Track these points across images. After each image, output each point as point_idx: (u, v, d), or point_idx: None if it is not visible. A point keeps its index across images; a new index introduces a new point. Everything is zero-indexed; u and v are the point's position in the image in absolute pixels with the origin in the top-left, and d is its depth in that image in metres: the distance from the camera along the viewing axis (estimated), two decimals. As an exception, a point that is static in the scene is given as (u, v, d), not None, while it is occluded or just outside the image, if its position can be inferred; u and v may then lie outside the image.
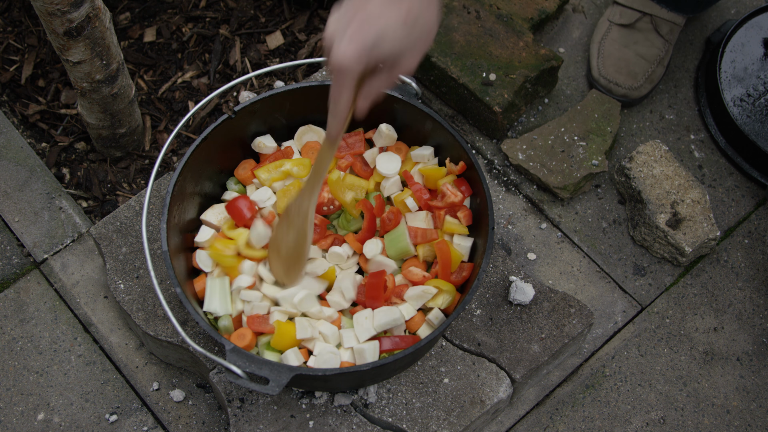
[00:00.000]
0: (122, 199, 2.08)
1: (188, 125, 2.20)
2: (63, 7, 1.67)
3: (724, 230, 2.07)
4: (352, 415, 1.67)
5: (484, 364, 1.73)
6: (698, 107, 2.21)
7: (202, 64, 2.28)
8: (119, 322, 1.87)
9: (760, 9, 2.23)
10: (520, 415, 1.85)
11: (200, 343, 1.73)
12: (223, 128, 1.71)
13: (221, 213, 1.73)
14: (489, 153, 2.10)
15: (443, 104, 2.15)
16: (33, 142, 2.14)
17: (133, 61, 2.27)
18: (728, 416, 1.87)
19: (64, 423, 1.79)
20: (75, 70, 1.83)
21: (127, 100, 1.97)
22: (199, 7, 2.37)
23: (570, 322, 1.77)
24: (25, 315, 1.89)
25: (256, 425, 1.65)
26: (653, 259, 2.01)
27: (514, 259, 1.96)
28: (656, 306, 1.97)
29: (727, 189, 2.11)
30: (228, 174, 1.82)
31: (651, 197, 1.97)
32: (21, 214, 1.99)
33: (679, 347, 1.93)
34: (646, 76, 2.14)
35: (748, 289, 2.00)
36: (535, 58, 2.07)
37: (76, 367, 1.84)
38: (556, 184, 2.00)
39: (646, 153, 2.03)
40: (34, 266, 1.95)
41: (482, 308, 1.78)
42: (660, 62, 2.15)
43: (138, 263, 1.81)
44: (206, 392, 1.82)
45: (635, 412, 1.86)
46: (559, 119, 2.08)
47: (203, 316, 1.59)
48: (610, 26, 2.18)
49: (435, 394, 1.69)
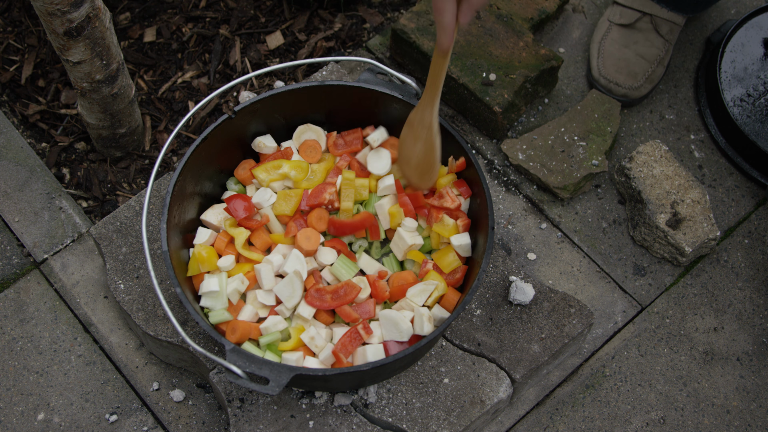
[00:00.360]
0: (122, 199, 2.08)
1: (188, 125, 2.20)
2: (63, 7, 1.67)
3: (724, 230, 2.07)
4: (352, 415, 1.67)
5: (484, 364, 1.73)
6: (698, 107, 2.21)
7: (202, 64, 2.28)
8: (119, 322, 1.87)
9: (760, 9, 2.23)
10: (520, 415, 1.85)
11: (200, 343, 1.73)
12: (223, 128, 1.71)
13: (221, 213, 1.73)
14: (489, 153, 2.10)
15: (443, 104, 2.15)
16: (33, 142, 2.14)
17: (133, 61, 2.27)
18: (728, 416, 1.87)
19: (64, 423, 1.79)
20: (75, 70, 1.83)
21: (127, 100, 1.97)
22: (199, 7, 2.37)
23: (570, 322, 1.77)
24: (25, 315, 1.89)
25: (256, 425, 1.65)
26: (653, 259, 2.01)
27: (514, 259, 1.96)
28: (656, 306, 1.97)
29: (727, 189, 2.11)
30: (228, 174, 1.82)
31: (651, 197, 1.97)
32: (21, 214, 1.99)
33: (679, 347, 1.93)
34: (646, 75, 2.14)
35: (748, 289, 2.00)
36: (535, 58, 2.07)
37: (76, 367, 1.84)
38: (556, 184, 2.00)
39: (646, 153, 2.03)
40: (34, 266, 1.95)
41: (482, 308, 1.78)
42: (660, 62, 2.15)
43: (138, 263, 1.81)
44: (206, 392, 1.82)
45: (635, 412, 1.86)
46: (559, 119, 2.08)
47: (203, 316, 1.59)
48: (610, 26, 2.18)
49: (435, 394, 1.69)
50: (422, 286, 1.64)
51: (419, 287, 1.64)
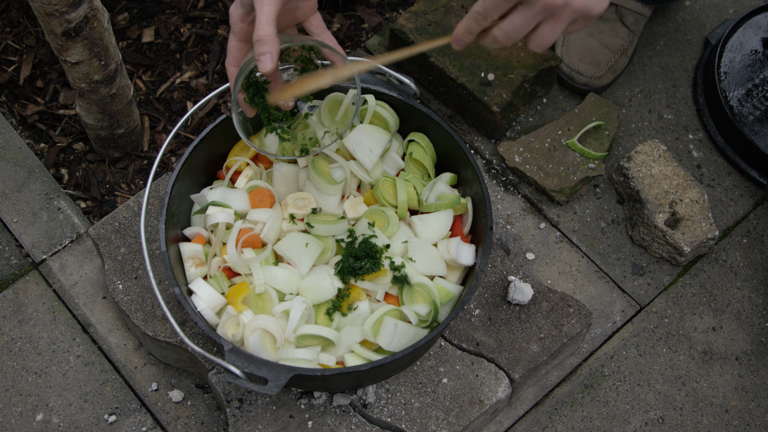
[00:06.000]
0: (121, 199, 2.08)
1: (187, 125, 2.20)
2: (61, 7, 1.67)
3: (723, 230, 2.07)
4: (350, 415, 1.67)
5: (482, 364, 1.73)
6: (697, 107, 2.21)
7: (201, 64, 2.28)
8: (118, 322, 1.87)
9: (759, 8, 2.23)
10: (518, 415, 1.85)
11: (199, 343, 1.73)
12: (221, 128, 1.71)
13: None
14: (488, 153, 2.10)
15: (442, 104, 2.15)
16: (31, 143, 2.14)
17: (132, 62, 2.27)
18: (727, 416, 1.87)
19: (63, 423, 1.79)
20: (73, 71, 1.83)
21: (125, 100, 1.97)
22: (198, 8, 2.37)
23: (569, 322, 1.78)
24: (23, 316, 1.89)
25: (255, 425, 1.65)
26: (652, 259, 2.01)
27: (513, 258, 1.96)
28: (655, 306, 1.97)
29: (725, 188, 2.11)
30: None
31: (649, 197, 1.97)
32: (19, 215, 1.99)
33: (678, 347, 1.93)
34: (609, 65, 2.14)
35: (747, 289, 2.00)
36: (533, 58, 2.07)
37: (75, 368, 1.84)
38: (553, 188, 2.00)
39: (644, 153, 2.03)
40: (32, 267, 1.95)
41: (481, 308, 1.78)
42: (623, 52, 2.16)
43: (137, 264, 1.81)
44: (205, 392, 1.82)
45: (634, 412, 1.86)
46: (557, 122, 2.08)
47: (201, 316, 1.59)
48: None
49: (434, 394, 1.69)
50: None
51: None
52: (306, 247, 1.60)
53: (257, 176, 1.74)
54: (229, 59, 1.49)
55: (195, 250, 1.64)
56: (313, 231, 1.63)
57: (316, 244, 1.61)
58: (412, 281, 1.60)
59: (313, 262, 1.61)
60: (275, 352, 1.56)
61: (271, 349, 1.56)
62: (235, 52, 1.48)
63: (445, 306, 1.63)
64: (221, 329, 1.57)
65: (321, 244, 1.62)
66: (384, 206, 1.69)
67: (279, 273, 1.60)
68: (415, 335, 1.57)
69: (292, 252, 1.60)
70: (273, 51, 1.37)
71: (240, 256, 1.59)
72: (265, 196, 1.69)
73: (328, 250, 1.64)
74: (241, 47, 1.48)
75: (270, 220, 1.63)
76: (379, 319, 1.57)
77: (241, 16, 1.45)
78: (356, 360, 1.57)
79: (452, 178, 1.75)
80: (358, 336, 1.59)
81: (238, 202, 1.67)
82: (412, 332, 1.57)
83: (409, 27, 2.10)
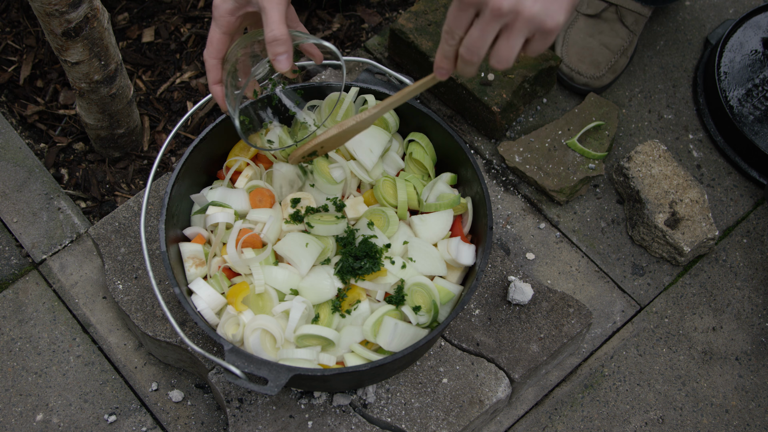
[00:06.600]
0: (121, 199, 2.08)
1: (187, 125, 2.20)
2: (61, 7, 1.67)
3: (723, 230, 2.07)
4: (350, 415, 1.67)
5: (482, 364, 1.73)
6: (697, 107, 2.21)
7: (201, 64, 2.28)
8: (118, 322, 1.87)
9: (759, 8, 2.23)
10: (518, 415, 1.85)
11: (199, 343, 1.73)
12: (221, 128, 1.71)
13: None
14: (488, 153, 2.10)
15: (441, 104, 2.15)
16: (31, 143, 2.14)
17: (132, 62, 2.27)
18: (727, 416, 1.87)
19: (62, 423, 1.79)
20: (73, 71, 1.83)
21: (125, 100, 1.97)
22: (198, 8, 2.37)
23: (569, 322, 1.78)
24: (23, 316, 1.89)
25: (255, 425, 1.65)
26: (652, 259, 2.01)
27: (513, 258, 1.96)
28: (655, 306, 1.97)
29: (725, 188, 2.11)
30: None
31: (649, 197, 1.97)
32: (20, 215, 1.99)
33: (678, 347, 1.93)
34: (609, 65, 2.14)
35: (747, 289, 2.00)
36: (533, 58, 2.07)
37: (75, 368, 1.84)
38: (553, 188, 2.00)
39: (644, 153, 2.03)
40: (32, 267, 1.95)
41: (481, 308, 1.78)
42: (623, 53, 2.16)
43: (137, 264, 1.81)
44: (205, 392, 1.82)
45: (634, 412, 1.86)
46: (557, 122, 2.08)
47: (201, 316, 1.59)
48: (578, 16, 2.20)
49: (434, 394, 1.69)
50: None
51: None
52: (306, 247, 1.60)
53: (257, 176, 1.74)
54: (210, 51, 1.50)
55: (195, 250, 1.64)
56: (313, 231, 1.63)
57: (316, 244, 1.61)
58: (413, 281, 1.61)
59: (313, 262, 1.61)
60: (275, 352, 1.56)
61: (271, 349, 1.56)
62: (218, 45, 1.49)
63: (445, 306, 1.63)
64: (221, 329, 1.57)
65: (321, 244, 1.62)
66: (384, 206, 1.69)
67: (279, 273, 1.60)
68: (415, 335, 1.57)
69: (292, 252, 1.61)
70: (289, 50, 1.41)
71: (240, 256, 1.59)
72: (265, 196, 1.69)
73: (328, 249, 1.64)
74: (225, 40, 1.49)
75: (270, 220, 1.63)
76: (379, 319, 1.57)
77: (231, 10, 1.46)
78: (356, 360, 1.57)
79: (452, 178, 1.75)
80: (358, 336, 1.59)
81: (238, 202, 1.67)
82: (412, 332, 1.57)
83: (409, 27, 2.10)
